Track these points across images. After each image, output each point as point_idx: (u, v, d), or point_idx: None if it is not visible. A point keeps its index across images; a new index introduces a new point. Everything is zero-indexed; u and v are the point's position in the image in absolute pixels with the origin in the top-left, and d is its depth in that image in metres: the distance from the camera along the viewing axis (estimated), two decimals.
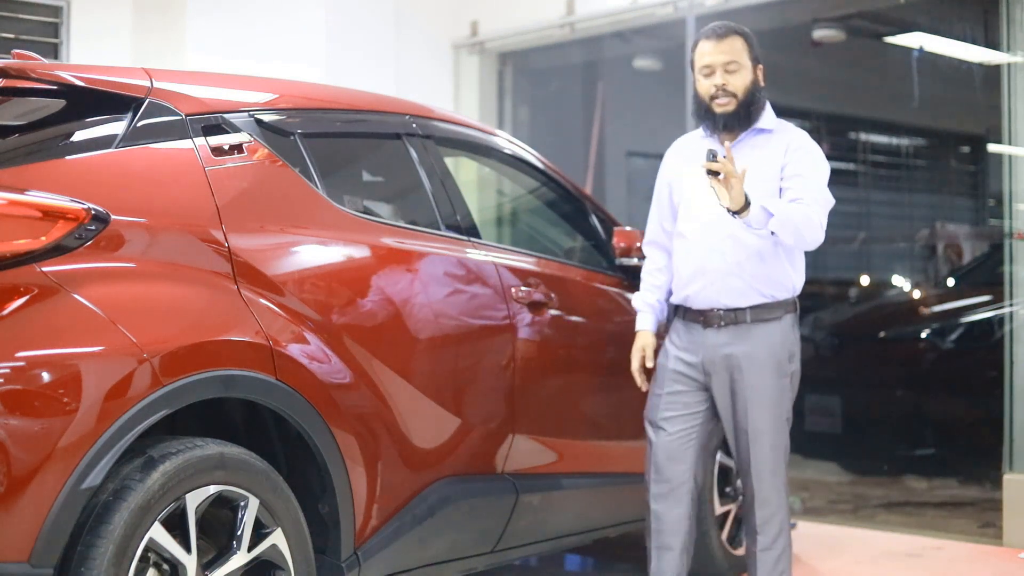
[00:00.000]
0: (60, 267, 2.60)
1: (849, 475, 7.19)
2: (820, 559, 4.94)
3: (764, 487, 3.56)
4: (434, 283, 3.48)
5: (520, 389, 3.69)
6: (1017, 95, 5.28)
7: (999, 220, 5.82)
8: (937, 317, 7.34)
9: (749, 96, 3.56)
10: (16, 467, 2.42)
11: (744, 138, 3.59)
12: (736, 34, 3.60)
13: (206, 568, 2.74)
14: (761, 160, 3.53)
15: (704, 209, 3.56)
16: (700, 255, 3.57)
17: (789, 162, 3.54)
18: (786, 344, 3.58)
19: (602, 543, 4.37)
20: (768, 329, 3.55)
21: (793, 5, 6.59)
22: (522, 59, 7.56)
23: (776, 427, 3.56)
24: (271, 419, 3.06)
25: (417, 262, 3.46)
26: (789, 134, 3.62)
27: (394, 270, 3.39)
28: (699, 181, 3.57)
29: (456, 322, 3.51)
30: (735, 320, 3.55)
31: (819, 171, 3.56)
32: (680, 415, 3.63)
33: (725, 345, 3.56)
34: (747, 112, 3.56)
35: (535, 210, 5.19)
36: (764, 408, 3.54)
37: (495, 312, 3.65)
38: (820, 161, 3.59)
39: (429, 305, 3.43)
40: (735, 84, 3.55)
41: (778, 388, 3.56)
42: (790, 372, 3.60)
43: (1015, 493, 5.11)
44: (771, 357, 3.55)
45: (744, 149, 3.57)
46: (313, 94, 3.62)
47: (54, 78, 3.01)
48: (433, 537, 3.39)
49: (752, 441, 3.54)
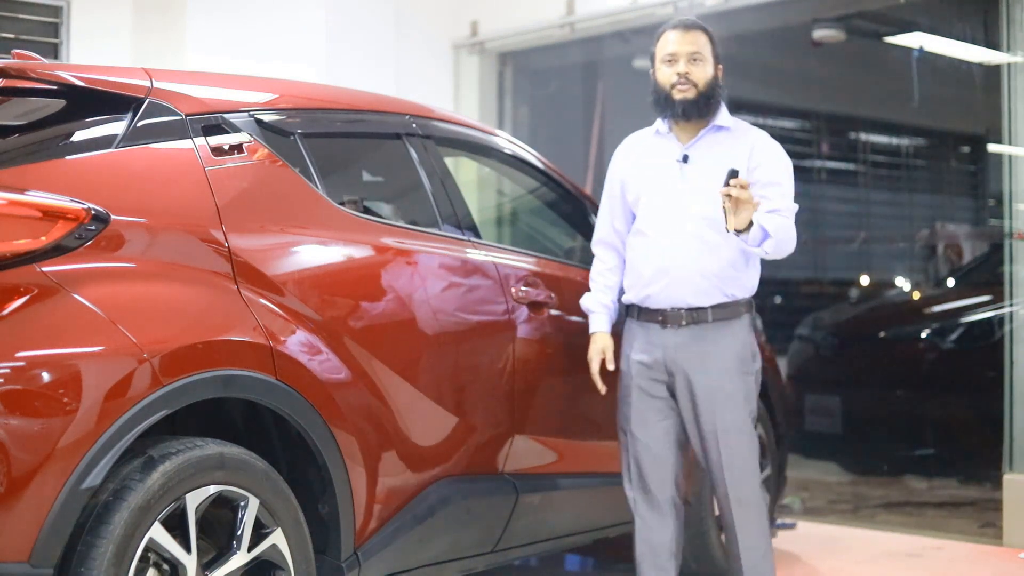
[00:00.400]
0: (60, 267, 2.60)
1: (849, 475, 7.20)
2: (820, 559, 4.94)
3: (741, 486, 3.52)
4: (434, 283, 3.48)
5: (520, 389, 3.69)
6: (1017, 95, 5.28)
7: (999, 220, 5.83)
8: (937, 317, 7.34)
9: (709, 89, 3.56)
10: (16, 467, 2.42)
11: (703, 135, 3.59)
12: (702, 30, 3.62)
13: (206, 568, 2.74)
14: (724, 157, 3.52)
15: (666, 208, 3.56)
16: (663, 254, 3.55)
17: (760, 166, 3.54)
18: (748, 342, 3.58)
19: (602, 543, 4.37)
20: (730, 328, 3.54)
21: (793, 5, 6.59)
22: (522, 59, 7.56)
23: (745, 426, 3.54)
24: (271, 419, 3.05)
25: (417, 262, 3.46)
26: (751, 134, 3.62)
27: (394, 270, 3.39)
28: (658, 179, 3.60)
29: (456, 322, 3.51)
30: (696, 319, 3.52)
31: (790, 176, 3.60)
32: (657, 422, 3.60)
33: (686, 345, 3.53)
34: (706, 103, 3.56)
35: (535, 210, 5.19)
36: (732, 407, 3.51)
37: (495, 312, 3.65)
38: (788, 164, 3.61)
39: (429, 305, 3.43)
40: (697, 75, 3.55)
41: (744, 386, 3.55)
42: (754, 370, 3.58)
43: (1015, 493, 5.11)
44: (734, 356, 3.53)
45: (704, 146, 3.58)
46: (313, 94, 3.62)
47: (54, 78, 3.01)
48: (433, 537, 3.39)
49: (722, 442, 3.50)
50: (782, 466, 4.84)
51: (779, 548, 5.04)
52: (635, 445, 3.62)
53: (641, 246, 3.63)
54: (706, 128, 3.59)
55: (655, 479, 3.60)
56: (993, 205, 8.89)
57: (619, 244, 3.76)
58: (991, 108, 5.68)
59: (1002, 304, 5.63)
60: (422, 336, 3.40)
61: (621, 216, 3.75)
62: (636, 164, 3.71)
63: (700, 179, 3.53)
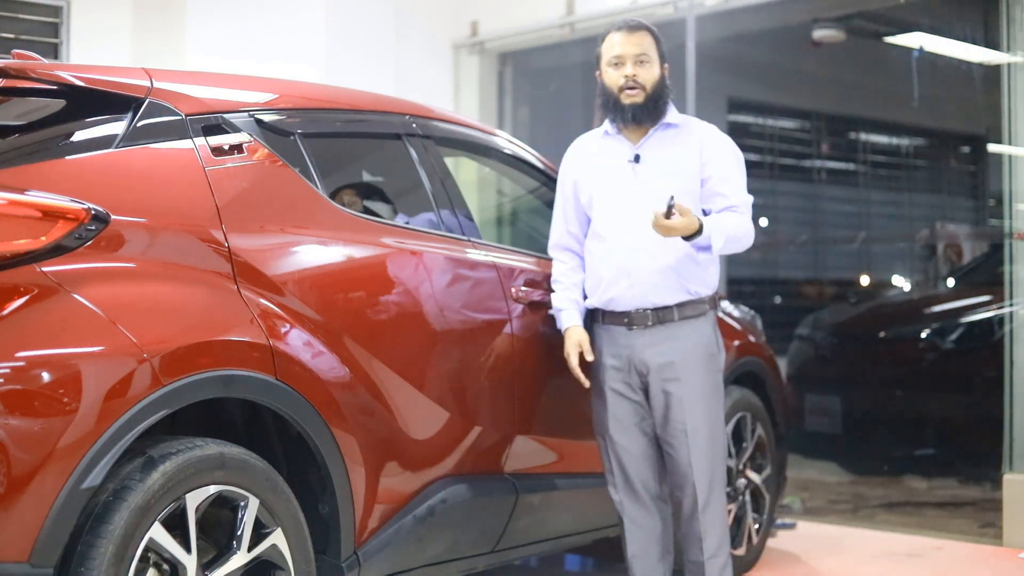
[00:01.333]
0: (60, 267, 2.60)
1: (849, 475, 7.20)
2: (820, 559, 4.94)
3: (704, 491, 3.51)
4: (434, 283, 3.48)
5: (520, 389, 3.69)
6: (1017, 95, 5.28)
7: (999, 220, 5.83)
8: (937, 317, 7.34)
9: (657, 91, 3.56)
10: (16, 467, 2.42)
11: (653, 133, 3.59)
12: (646, 30, 3.62)
13: (206, 568, 2.74)
14: (675, 155, 3.54)
15: (621, 209, 3.55)
16: (624, 256, 3.54)
17: (710, 161, 3.55)
18: (712, 340, 3.59)
19: (602, 543, 4.37)
20: (695, 326, 3.54)
21: (793, 5, 6.59)
22: (522, 59, 7.56)
23: (712, 426, 3.54)
24: (271, 419, 3.05)
25: (417, 262, 3.46)
26: (700, 130, 3.62)
27: (394, 270, 3.39)
28: (611, 180, 3.59)
29: (456, 322, 3.51)
30: (661, 319, 3.52)
31: (742, 169, 3.62)
32: (636, 423, 3.60)
33: (653, 345, 3.53)
34: (655, 105, 3.56)
35: (535, 210, 5.19)
36: (699, 406, 3.51)
37: (495, 312, 3.65)
38: (739, 157, 3.63)
39: (429, 305, 3.43)
40: (644, 77, 3.55)
41: (711, 384, 3.56)
42: (720, 368, 3.60)
43: (1015, 493, 5.11)
44: (702, 353, 3.54)
45: (655, 144, 3.58)
46: (313, 94, 3.62)
47: (54, 78, 3.01)
48: (433, 537, 3.39)
49: (691, 441, 3.50)
50: (782, 466, 4.84)
51: (779, 548, 5.04)
52: (616, 449, 3.63)
53: (599, 249, 3.62)
54: (655, 127, 3.59)
55: (639, 480, 3.61)
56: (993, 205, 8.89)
57: (576, 246, 3.74)
58: (991, 108, 5.68)
59: (1002, 304, 5.63)
60: (422, 336, 3.40)
61: (575, 219, 3.74)
62: (587, 165, 3.70)
63: (652, 178, 3.53)
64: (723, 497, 3.58)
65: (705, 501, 3.52)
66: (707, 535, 3.52)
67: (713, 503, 3.53)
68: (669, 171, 3.48)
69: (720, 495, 3.56)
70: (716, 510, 3.54)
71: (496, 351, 3.63)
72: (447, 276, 3.54)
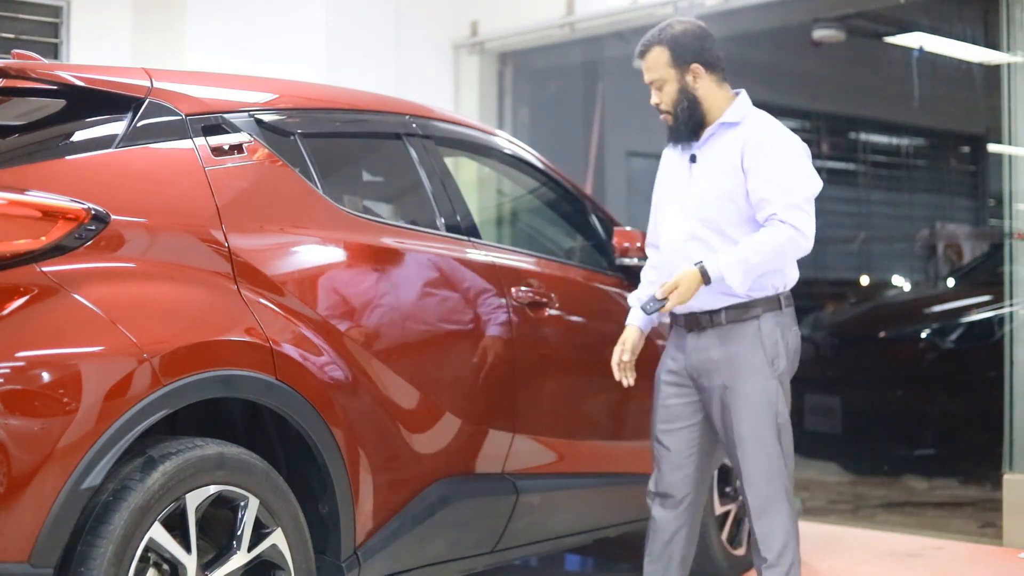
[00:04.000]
0: (60, 267, 2.60)
1: (849, 475, 7.19)
2: (820, 559, 4.94)
3: (759, 497, 3.41)
4: (434, 283, 3.48)
5: (520, 389, 3.69)
6: (1017, 95, 5.28)
7: (999, 220, 5.83)
8: (937, 317, 7.34)
9: (679, 107, 3.47)
10: (16, 467, 2.42)
11: (711, 133, 3.50)
12: (655, 46, 3.50)
13: (206, 568, 2.74)
14: (723, 156, 3.45)
15: (676, 212, 3.52)
16: (672, 261, 3.50)
17: (751, 168, 3.39)
18: (770, 343, 3.42)
19: (602, 543, 4.37)
20: (746, 329, 3.42)
21: (793, 5, 6.59)
22: (522, 59, 7.56)
23: (766, 432, 3.40)
24: (271, 419, 3.06)
25: (417, 262, 3.46)
26: (746, 129, 3.45)
27: (394, 270, 3.39)
28: (673, 182, 3.56)
29: (456, 322, 3.51)
30: (712, 323, 3.44)
31: (789, 162, 3.41)
32: (681, 427, 3.54)
33: (706, 348, 3.46)
34: (687, 120, 3.47)
35: (535, 210, 5.19)
36: (750, 412, 3.39)
37: (495, 312, 3.65)
38: (785, 150, 3.43)
39: (429, 305, 3.43)
40: (664, 101, 3.49)
41: (764, 390, 3.40)
42: (778, 373, 3.43)
43: (1015, 493, 5.11)
44: (754, 358, 3.40)
45: (710, 146, 3.49)
46: (313, 94, 3.62)
47: (54, 78, 3.02)
48: (433, 537, 3.39)
49: (740, 448, 3.40)
50: None
51: None
52: (656, 447, 3.59)
53: (659, 255, 3.61)
54: (714, 126, 3.50)
55: (668, 482, 3.55)
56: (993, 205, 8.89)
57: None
58: (991, 108, 5.68)
59: (1002, 304, 5.63)
60: (422, 336, 3.40)
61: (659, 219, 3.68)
62: (663, 167, 3.66)
63: (703, 180, 3.47)
64: (784, 506, 3.41)
65: (760, 508, 3.40)
66: (764, 542, 3.41)
67: (770, 511, 3.40)
68: (718, 172, 3.39)
69: (779, 503, 3.40)
70: (774, 519, 3.40)
71: (496, 351, 3.62)
72: (447, 276, 3.54)
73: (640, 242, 4.14)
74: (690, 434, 3.54)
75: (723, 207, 3.40)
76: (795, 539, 3.44)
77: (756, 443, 3.40)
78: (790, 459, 3.46)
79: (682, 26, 3.53)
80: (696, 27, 3.54)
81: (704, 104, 3.48)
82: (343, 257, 3.27)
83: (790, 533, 3.42)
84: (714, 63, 3.50)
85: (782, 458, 3.43)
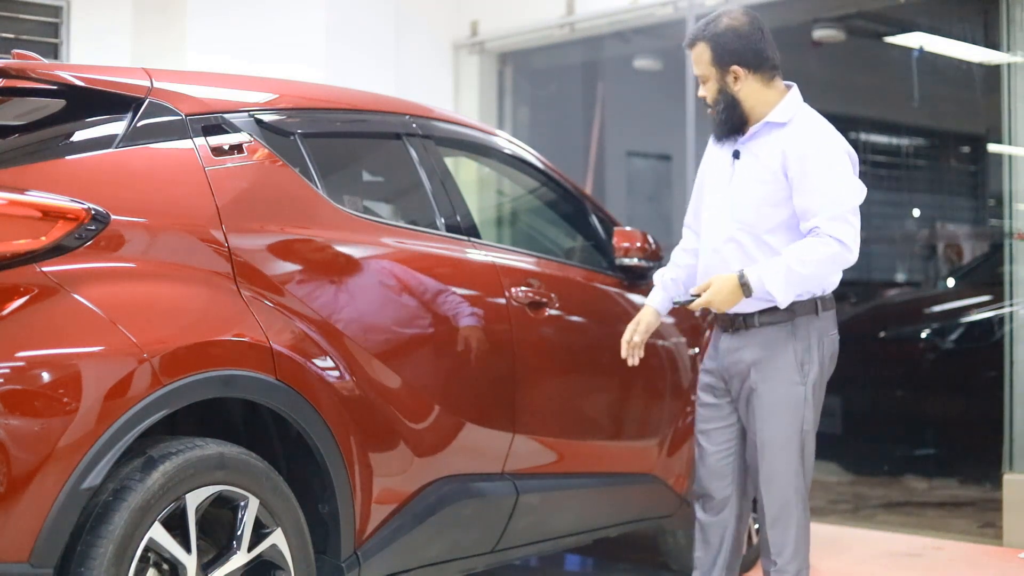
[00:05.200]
0: (60, 267, 2.60)
1: (849, 475, 7.19)
2: (820, 559, 4.94)
3: (774, 505, 3.37)
4: (434, 283, 3.48)
5: (520, 389, 3.69)
6: (1017, 95, 5.28)
7: (999, 220, 5.82)
8: (937, 317, 7.34)
9: (721, 104, 3.40)
10: (16, 467, 2.42)
11: (757, 130, 3.40)
12: (699, 41, 3.42)
13: (206, 568, 2.74)
14: (764, 159, 3.37)
15: (715, 209, 3.47)
16: (707, 258, 3.47)
17: (795, 177, 3.29)
18: (800, 348, 3.36)
19: (602, 543, 4.37)
20: (779, 332, 3.36)
21: (793, 5, 6.59)
22: (522, 59, 7.56)
23: (788, 440, 3.34)
24: (271, 419, 3.05)
25: (417, 262, 3.46)
26: (790, 134, 3.35)
27: (394, 270, 3.39)
28: (716, 175, 3.50)
29: (456, 322, 3.51)
30: (744, 324, 3.40)
31: (833, 170, 3.31)
32: (717, 428, 3.52)
33: (737, 350, 3.42)
34: (728, 117, 3.40)
35: (535, 210, 5.19)
36: (775, 418, 3.34)
37: (495, 312, 3.65)
38: (830, 157, 3.32)
39: (429, 305, 3.43)
40: (708, 95, 3.45)
41: (791, 396, 3.34)
42: (807, 380, 3.35)
43: (1015, 493, 5.11)
44: (783, 362, 3.35)
45: (755, 144, 3.41)
46: (313, 94, 3.62)
47: (54, 78, 3.01)
48: (433, 537, 3.39)
49: (761, 453, 3.37)
50: None
51: None
52: (696, 448, 3.58)
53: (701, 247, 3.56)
54: (759, 124, 3.40)
55: (705, 484, 3.55)
56: (993, 205, 8.88)
57: (699, 229, 3.60)
58: (991, 108, 5.68)
59: (1002, 304, 5.63)
60: (422, 336, 3.40)
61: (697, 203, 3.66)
62: (708, 156, 3.60)
63: (743, 181, 3.40)
64: (799, 514, 3.37)
65: (774, 516, 3.37)
66: (774, 547, 3.38)
67: (784, 519, 3.36)
68: (759, 175, 3.33)
69: (794, 512, 3.36)
70: (787, 526, 3.36)
71: (496, 351, 3.62)
72: (447, 276, 3.54)
73: (640, 242, 4.14)
74: (727, 434, 3.51)
75: (761, 212, 3.35)
76: (806, 546, 3.42)
77: (777, 450, 3.35)
78: (810, 468, 3.42)
79: (728, 21, 3.40)
80: (743, 24, 3.39)
81: (746, 104, 3.38)
82: (343, 257, 3.27)
83: (801, 541, 3.39)
84: (759, 63, 3.38)
85: (802, 467, 3.38)
